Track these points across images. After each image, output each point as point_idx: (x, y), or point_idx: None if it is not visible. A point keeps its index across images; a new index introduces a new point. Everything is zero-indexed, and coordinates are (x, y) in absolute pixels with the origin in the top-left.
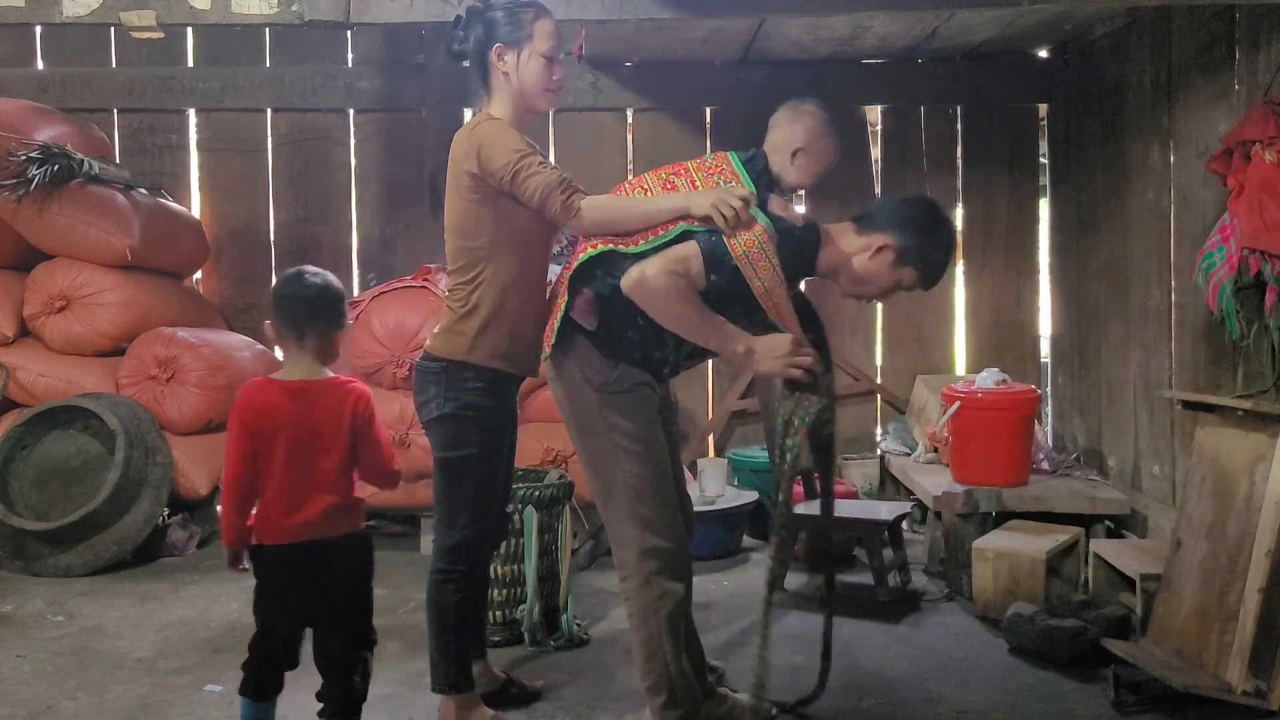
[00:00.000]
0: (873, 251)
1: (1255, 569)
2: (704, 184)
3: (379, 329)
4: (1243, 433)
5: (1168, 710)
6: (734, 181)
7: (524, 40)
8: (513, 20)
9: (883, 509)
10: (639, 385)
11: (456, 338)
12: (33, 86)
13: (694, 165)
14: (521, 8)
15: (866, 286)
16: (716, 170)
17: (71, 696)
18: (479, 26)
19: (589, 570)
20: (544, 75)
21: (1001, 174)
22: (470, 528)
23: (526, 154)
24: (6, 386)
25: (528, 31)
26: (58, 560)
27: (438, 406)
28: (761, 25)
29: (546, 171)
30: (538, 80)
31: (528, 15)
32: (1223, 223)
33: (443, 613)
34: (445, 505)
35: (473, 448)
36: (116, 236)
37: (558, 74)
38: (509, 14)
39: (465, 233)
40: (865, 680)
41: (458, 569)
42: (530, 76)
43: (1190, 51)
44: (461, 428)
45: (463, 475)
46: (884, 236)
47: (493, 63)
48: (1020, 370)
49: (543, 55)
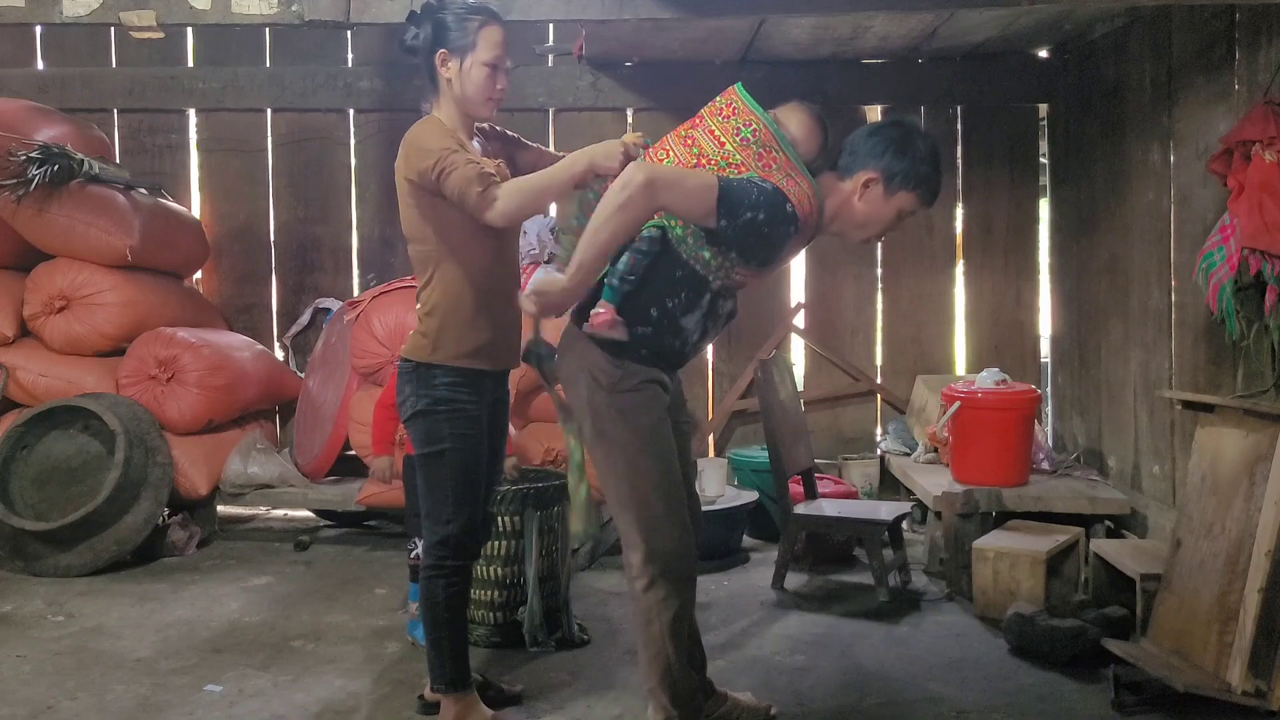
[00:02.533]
0: (860, 190)
1: (1255, 569)
2: (719, 127)
3: (379, 329)
4: (1243, 433)
5: (1168, 710)
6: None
7: (468, 48)
8: (460, 26)
9: (883, 509)
10: (647, 383)
11: (421, 339)
12: (33, 86)
13: (707, 111)
14: (470, 14)
15: (871, 227)
16: (727, 108)
17: (71, 696)
18: (429, 27)
19: (589, 570)
20: (486, 84)
21: (1001, 174)
22: (455, 521)
23: (449, 152)
24: (6, 386)
25: (472, 39)
26: (58, 560)
27: (411, 405)
28: (761, 25)
29: (464, 167)
30: (479, 89)
31: (474, 23)
32: (1223, 223)
33: (434, 609)
34: (429, 501)
35: (447, 442)
36: (116, 236)
37: (501, 83)
38: (457, 19)
39: (415, 237)
40: (865, 680)
41: (446, 564)
42: (472, 85)
43: (1190, 51)
44: (435, 423)
45: (441, 470)
46: (866, 171)
47: (437, 67)
48: (1020, 370)
49: (486, 64)
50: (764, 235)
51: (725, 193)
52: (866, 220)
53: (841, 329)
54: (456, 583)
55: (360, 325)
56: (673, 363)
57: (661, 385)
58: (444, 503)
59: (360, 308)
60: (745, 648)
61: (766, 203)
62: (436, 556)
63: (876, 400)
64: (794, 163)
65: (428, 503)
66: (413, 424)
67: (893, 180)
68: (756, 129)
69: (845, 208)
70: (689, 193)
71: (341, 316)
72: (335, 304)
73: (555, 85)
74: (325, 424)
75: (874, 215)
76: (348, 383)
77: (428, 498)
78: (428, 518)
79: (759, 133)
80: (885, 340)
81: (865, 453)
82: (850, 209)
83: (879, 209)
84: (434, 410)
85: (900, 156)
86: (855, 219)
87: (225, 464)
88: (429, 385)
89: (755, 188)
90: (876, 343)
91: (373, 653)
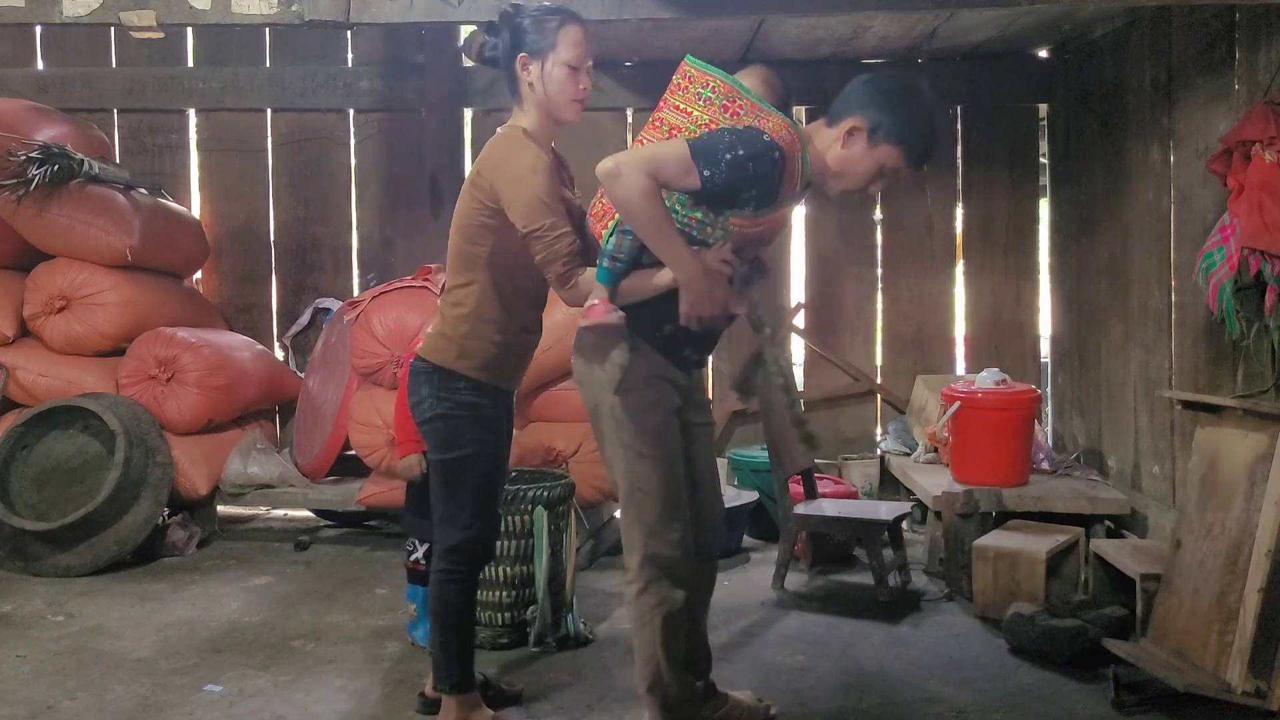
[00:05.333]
0: (844, 138)
1: (1255, 569)
2: (680, 100)
3: (379, 329)
4: (1243, 433)
5: (1168, 710)
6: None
7: (548, 49)
8: (538, 29)
9: (883, 509)
10: (655, 380)
11: (445, 342)
12: (33, 86)
13: (668, 93)
14: (548, 15)
15: (848, 179)
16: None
17: (71, 696)
18: (506, 34)
19: (589, 570)
20: (569, 85)
21: (1001, 174)
22: (473, 527)
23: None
24: (6, 386)
25: (551, 40)
26: (58, 560)
27: (430, 408)
28: (761, 25)
29: (558, 244)
30: (562, 90)
31: (552, 23)
32: (1223, 223)
33: (446, 612)
34: (446, 506)
35: (469, 447)
36: (116, 236)
37: (584, 83)
38: (535, 22)
39: (469, 238)
40: (865, 680)
41: (461, 569)
42: (554, 86)
43: (1190, 51)
44: (457, 428)
45: (461, 475)
46: (852, 119)
47: (518, 72)
48: (1020, 370)
49: (567, 64)
50: (749, 170)
51: (696, 147)
52: (844, 169)
53: (841, 329)
54: (469, 588)
55: (360, 325)
56: (705, 344)
57: (672, 382)
58: (463, 508)
59: (360, 308)
60: (745, 648)
61: (742, 138)
62: (451, 561)
63: (876, 400)
64: (760, 104)
65: (444, 507)
66: (431, 427)
67: (877, 131)
68: (715, 86)
69: (828, 154)
70: (668, 160)
71: (341, 316)
72: (335, 304)
73: None
74: (325, 424)
75: (853, 165)
76: (348, 383)
77: (445, 502)
78: (443, 522)
79: (718, 89)
80: (885, 340)
81: (865, 453)
82: (830, 157)
83: (858, 159)
84: (455, 415)
85: (889, 108)
86: (835, 166)
87: (225, 464)
88: (449, 389)
89: (726, 133)
90: (876, 343)
91: (373, 653)
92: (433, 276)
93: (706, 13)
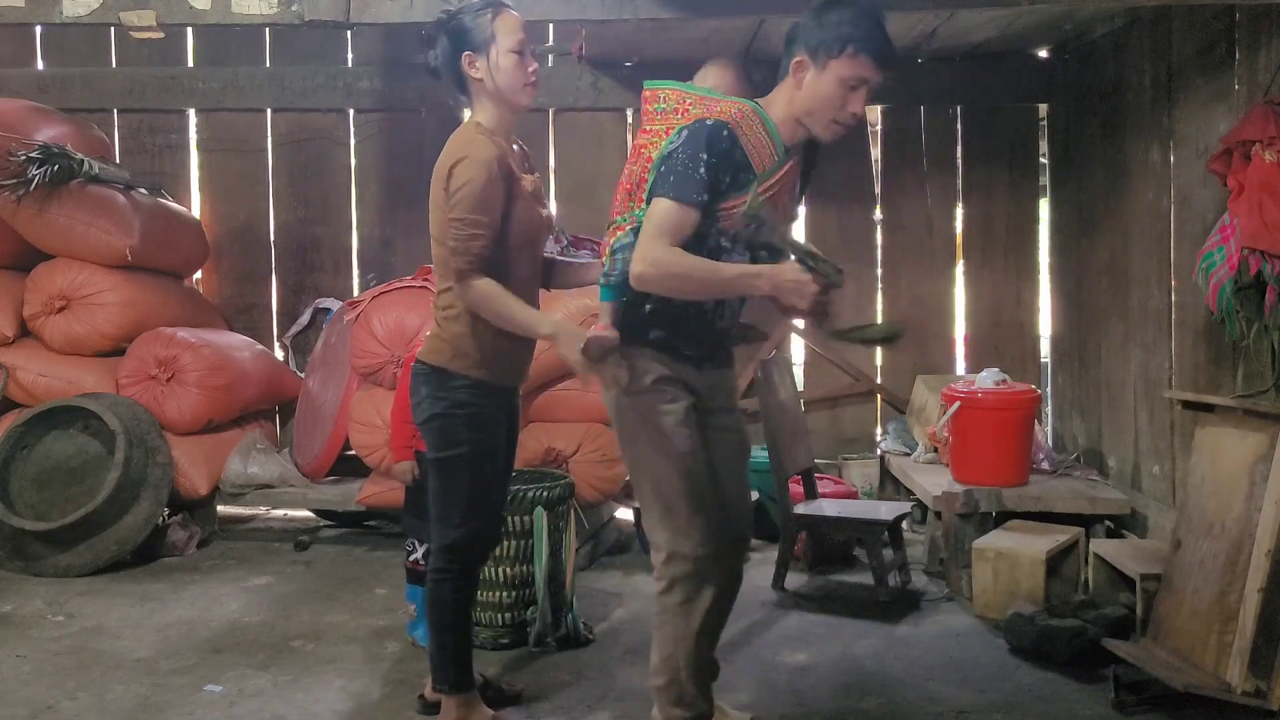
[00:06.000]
0: (797, 80)
1: (1255, 569)
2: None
3: (379, 329)
4: (1243, 433)
5: (1168, 710)
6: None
7: (489, 42)
8: (475, 24)
9: (883, 509)
10: (665, 383)
11: (442, 344)
12: (33, 86)
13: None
14: (480, 10)
15: (819, 112)
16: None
17: (71, 696)
18: (444, 39)
19: (589, 570)
20: (518, 71)
21: (1001, 174)
22: (466, 525)
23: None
24: (6, 386)
25: (490, 32)
26: (58, 560)
27: (428, 407)
28: (761, 25)
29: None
30: (512, 77)
31: (487, 16)
32: (1223, 223)
33: (442, 611)
34: (441, 504)
35: (464, 446)
36: (116, 236)
37: (532, 66)
38: (470, 18)
39: (443, 239)
40: (865, 680)
41: (455, 567)
42: (504, 75)
43: (1190, 51)
44: (452, 427)
45: (456, 473)
46: (793, 60)
47: (466, 71)
48: (1020, 370)
49: (511, 51)
50: (709, 159)
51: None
52: (810, 105)
53: None
54: (464, 586)
55: (360, 325)
56: (704, 339)
57: (684, 382)
58: (456, 507)
59: (360, 308)
60: (745, 647)
61: (689, 140)
62: (445, 560)
63: (876, 400)
64: (708, 96)
65: (439, 506)
66: (428, 426)
67: (817, 52)
68: (665, 96)
69: (791, 104)
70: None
71: (341, 316)
72: (335, 304)
73: (555, 85)
74: (325, 424)
75: (814, 96)
76: (348, 383)
77: (440, 501)
78: (438, 521)
79: (668, 98)
80: None
81: (865, 453)
82: (795, 101)
83: (816, 87)
84: (452, 414)
85: (815, 26)
86: (802, 108)
87: (225, 464)
88: (447, 388)
89: (676, 151)
90: None
91: (373, 653)
92: (432, 276)
93: (706, 13)
